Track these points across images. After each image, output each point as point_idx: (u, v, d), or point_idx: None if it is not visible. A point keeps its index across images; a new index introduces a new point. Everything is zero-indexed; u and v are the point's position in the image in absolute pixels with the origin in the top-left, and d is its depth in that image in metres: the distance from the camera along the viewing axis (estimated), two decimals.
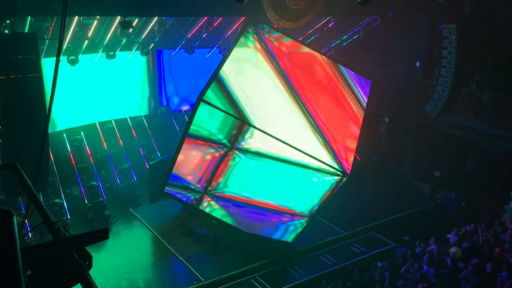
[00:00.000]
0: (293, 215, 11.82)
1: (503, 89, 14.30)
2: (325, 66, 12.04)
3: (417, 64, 16.42)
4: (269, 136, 10.45)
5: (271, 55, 11.23)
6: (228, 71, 10.63)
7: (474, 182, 15.74)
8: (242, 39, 11.15)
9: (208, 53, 17.39)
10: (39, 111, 8.83)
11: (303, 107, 11.10)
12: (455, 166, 16.75)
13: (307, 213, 11.81)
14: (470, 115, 15.03)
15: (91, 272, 2.26)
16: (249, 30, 11.31)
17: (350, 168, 11.21)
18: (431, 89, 15.42)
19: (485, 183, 15.51)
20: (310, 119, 11.08)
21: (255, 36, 11.30)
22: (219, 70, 10.59)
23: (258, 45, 11.23)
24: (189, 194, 11.84)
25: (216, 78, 10.39)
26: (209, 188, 11.62)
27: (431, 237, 12.10)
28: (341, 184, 11.14)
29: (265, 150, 10.85)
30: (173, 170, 11.18)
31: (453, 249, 11.39)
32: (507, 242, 11.55)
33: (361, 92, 12.32)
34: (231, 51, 11.01)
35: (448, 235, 12.27)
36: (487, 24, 14.58)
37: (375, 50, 17.74)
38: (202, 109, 10.09)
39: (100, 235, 2.39)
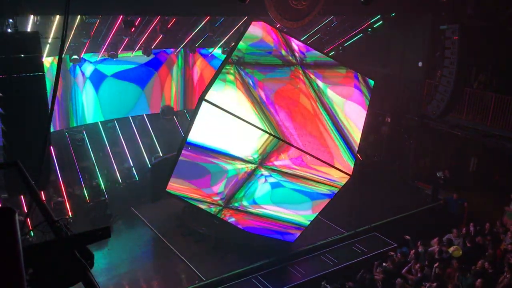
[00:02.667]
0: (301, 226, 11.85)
1: (506, 90, 14.26)
2: (314, 105, 11.19)
3: (420, 64, 16.40)
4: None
5: (255, 95, 10.44)
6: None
7: (477, 183, 15.72)
8: (223, 75, 10.33)
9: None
10: (41, 110, 8.85)
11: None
12: (457, 166, 16.73)
13: (306, 225, 11.83)
14: (472, 116, 14.99)
15: (92, 271, 2.26)
16: (230, 69, 10.48)
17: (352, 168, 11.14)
18: (434, 89, 15.39)
19: (487, 184, 15.50)
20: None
21: (237, 75, 10.49)
22: (218, 74, 10.45)
23: (241, 88, 10.39)
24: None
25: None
26: (231, 201, 11.62)
27: (433, 237, 12.08)
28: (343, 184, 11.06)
29: (293, 167, 10.51)
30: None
31: (452, 248, 11.38)
32: (509, 244, 11.53)
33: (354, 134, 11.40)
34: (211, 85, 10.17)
35: (447, 236, 12.23)
36: (490, 24, 14.55)
37: (377, 50, 17.74)
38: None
39: (102, 234, 2.38)
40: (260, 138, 10.04)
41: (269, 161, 10.49)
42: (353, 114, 11.59)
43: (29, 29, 10.96)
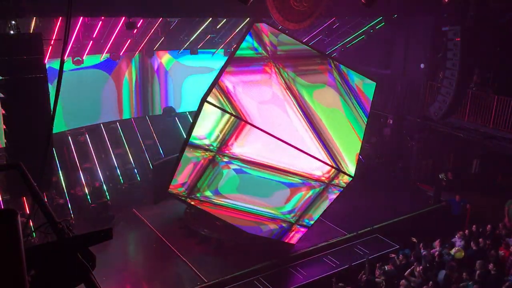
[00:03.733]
0: (275, 219, 11.88)
1: (508, 91, 14.23)
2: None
3: (422, 65, 16.38)
4: (261, 140, 10.24)
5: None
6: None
7: (479, 185, 15.68)
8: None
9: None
10: (43, 112, 8.86)
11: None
12: (460, 168, 16.70)
13: (292, 220, 11.82)
14: (475, 117, 14.96)
15: (94, 272, 2.26)
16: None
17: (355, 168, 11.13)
18: (436, 91, 15.37)
19: (490, 185, 15.45)
20: None
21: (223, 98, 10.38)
22: (219, 76, 10.55)
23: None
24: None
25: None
26: (194, 191, 11.76)
27: (435, 239, 12.06)
28: (345, 185, 11.04)
29: (253, 157, 10.66)
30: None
31: (454, 249, 11.35)
32: None
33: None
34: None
35: (453, 239, 12.21)
36: (492, 25, 14.53)
37: (379, 51, 17.73)
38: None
39: (104, 235, 2.38)
40: (220, 121, 10.11)
41: (228, 147, 10.52)
42: (325, 100, 11.64)
43: (31, 31, 10.99)
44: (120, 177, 15.29)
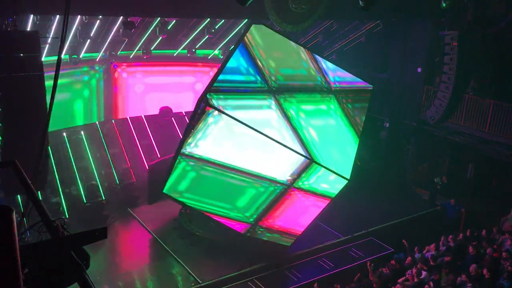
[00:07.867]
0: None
1: (505, 96, 14.30)
2: None
3: (419, 70, 16.44)
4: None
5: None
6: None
7: (474, 189, 15.74)
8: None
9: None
10: (39, 110, 8.83)
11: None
12: (455, 172, 16.75)
13: (252, 222, 11.83)
14: (471, 122, 15.02)
15: (88, 271, 2.25)
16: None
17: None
18: (432, 95, 15.42)
19: (485, 190, 15.51)
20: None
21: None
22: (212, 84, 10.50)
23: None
24: None
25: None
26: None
27: (430, 243, 12.08)
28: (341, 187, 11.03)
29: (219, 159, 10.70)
30: None
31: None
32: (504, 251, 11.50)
33: None
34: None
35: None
36: (489, 31, 14.60)
37: (376, 55, 17.77)
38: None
39: (98, 235, 2.37)
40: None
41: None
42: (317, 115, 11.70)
43: (29, 29, 10.95)
44: (115, 177, 15.24)
